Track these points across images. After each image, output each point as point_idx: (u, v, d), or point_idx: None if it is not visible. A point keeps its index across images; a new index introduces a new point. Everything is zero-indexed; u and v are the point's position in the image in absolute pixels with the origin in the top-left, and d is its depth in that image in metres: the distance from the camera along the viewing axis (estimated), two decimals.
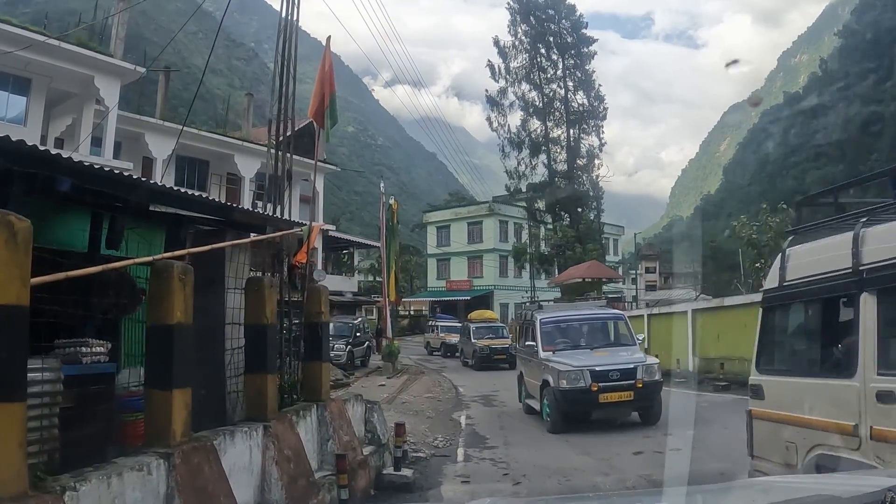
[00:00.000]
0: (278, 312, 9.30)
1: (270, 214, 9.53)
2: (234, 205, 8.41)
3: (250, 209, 8.84)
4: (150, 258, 6.36)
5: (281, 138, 10.75)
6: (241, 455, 6.99)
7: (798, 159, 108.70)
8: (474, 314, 44.42)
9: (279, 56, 10.98)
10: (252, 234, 9.03)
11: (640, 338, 17.33)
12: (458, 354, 41.98)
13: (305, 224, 9.96)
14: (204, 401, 8.03)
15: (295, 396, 9.44)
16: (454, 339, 44.44)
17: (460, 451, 13.60)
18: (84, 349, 6.73)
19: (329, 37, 11.02)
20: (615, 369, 14.85)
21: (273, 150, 10.75)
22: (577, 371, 14.74)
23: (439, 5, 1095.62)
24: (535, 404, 16.94)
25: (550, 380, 15.10)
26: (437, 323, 51.81)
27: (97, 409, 6.72)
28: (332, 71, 10.91)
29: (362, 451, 10.20)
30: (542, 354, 16.19)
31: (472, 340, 37.20)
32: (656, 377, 15.24)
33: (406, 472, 10.83)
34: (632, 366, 14.98)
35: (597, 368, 14.79)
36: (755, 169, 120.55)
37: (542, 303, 20.93)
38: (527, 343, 18.33)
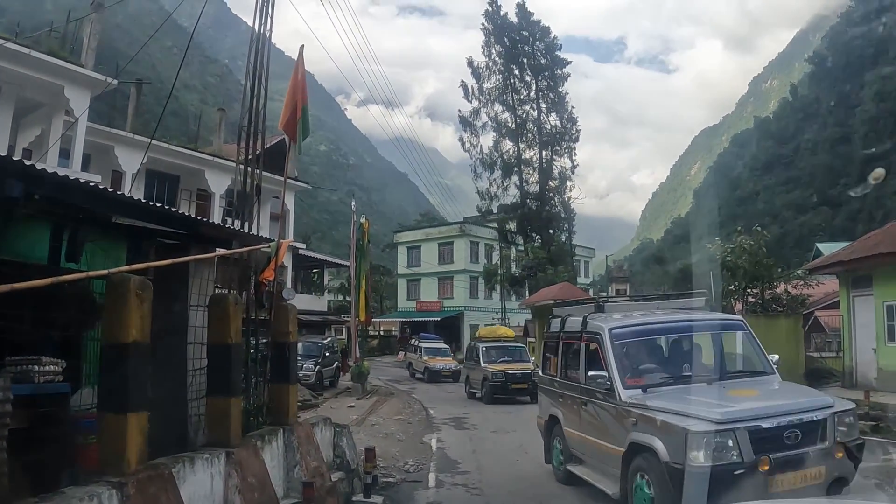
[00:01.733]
0: (244, 331, 8.92)
1: (238, 229, 9.12)
2: (201, 218, 7.96)
3: (217, 223, 8.38)
4: (105, 271, 5.95)
5: (251, 154, 10.39)
6: (202, 483, 6.57)
7: (768, 183, 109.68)
8: (484, 331, 37.82)
9: (250, 69, 10.64)
10: (218, 250, 8.61)
11: (776, 360, 10.50)
12: (443, 379, 39.50)
13: (273, 240, 9.57)
14: (164, 425, 7.61)
15: (261, 420, 9.03)
16: (440, 363, 41.29)
17: (432, 476, 13.20)
18: (36, 367, 6.30)
19: (302, 46, 10.67)
20: (792, 424, 8.10)
21: (241, 166, 10.38)
22: (726, 432, 7.86)
23: (414, 26, 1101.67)
24: (598, 478, 10.38)
25: (662, 448, 8.24)
26: (420, 343, 45.18)
27: (50, 432, 6.32)
28: (304, 81, 10.55)
29: (331, 477, 9.77)
30: (623, 395, 9.34)
31: (483, 365, 29.44)
32: (856, 435, 8.76)
33: (376, 498, 10.44)
34: (816, 415, 8.29)
35: (762, 425, 8.00)
36: (726, 192, 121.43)
37: (603, 301, 12.90)
38: (586, 373, 10.45)
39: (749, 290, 27.10)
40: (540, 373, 14.00)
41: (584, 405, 10.79)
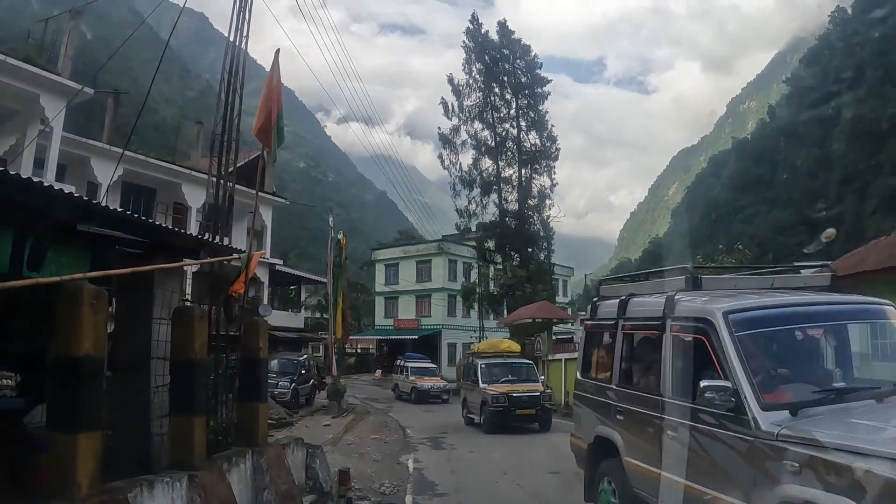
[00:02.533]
0: (214, 347, 8.49)
1: (206, 238, 8.68)
2: (167, 226, 7.53)
3: (184, 231, 7.95)
4: (57, 278, 5.51)
5: (229, 168, 10.00)
6: None
7: (746, 203, 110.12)
8: (483, 345, 31.95)
9: (225, 78, 10.27)
10: (185, 260, 8.17)
11: None
12: (432, 399, 38.45)
13: (244, 252, 9.13)
14: (126, 445, 7.18)
15: (229, 440, 8.56)
16: (427, 383, 39.96)
17: (409, 499, 12.76)
18: None
19: (278, 50, 10.28)
20: None
21: (214, 178, 9.98)
22: None
23: (395, 44, 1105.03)
24: None
25: None
26: (406, 363, 43.56)
27: (1, 450, 5.87)
28: (279, 87, 10.15)
29: (302, 500, 9.33)
30: (762, 419, 6.02)
31: (481, 386, 25.05)
32: None
33: None
34: None
35: None
36: (704, 212, 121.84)
37: (699, 275, 8.54)
38: (676, 381, 7.43)
39: None
40: (578, 376, 10.19)
41: (671, 430, 7.23)
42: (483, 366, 26.28)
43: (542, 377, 27.32)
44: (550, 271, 60.46)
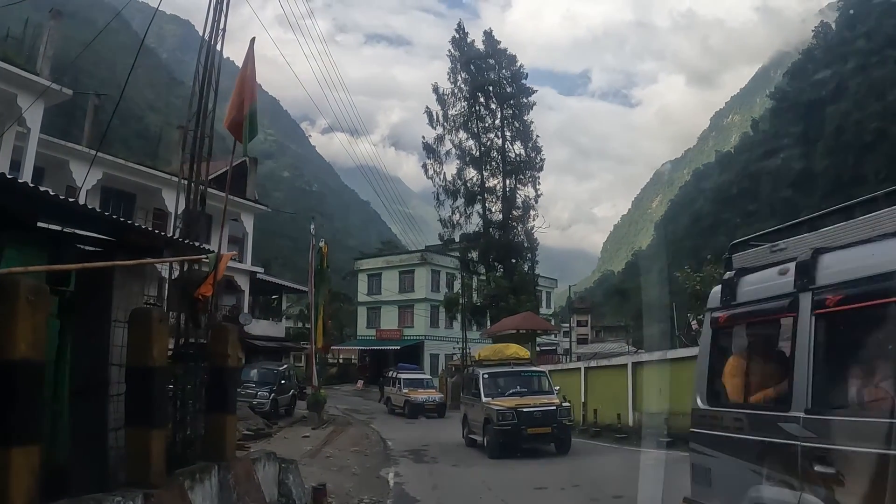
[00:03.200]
0: (183, 354, 7.91)
1: (171, 236, 8.09)
2: (129, 221, 6.94)
3: (148, 228, 7.37)
4: None
5: (201, 168, 9.45)
6: None
7: (729, 216, 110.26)
8: (486, 351, 26.05)
9: (199, 79, 9.73)
10: (147, 259, 7.57)
11: None
12: (427, 413, 36.17)
13: (213, 252, 8.54)
14: (81, 459, 6.57)
15: (193, 454, 7.95)
16: (422, 395, 37.49)
17: None
18: None
19: (253, 38, 9.73)
20: None
21: (186, 182, 9.43)
22: None
23: (380, 55, 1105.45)
24: None
25: None
26: (399, 375, 40.40)
27: None
28: (253, 77, 9.59)
29: None
30: None
31: (484, 400, 20.75)
32: None
33: None
34: None
35: None
36: (687, 225, 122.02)
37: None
38: None
39: None
40: (700, 403, 6.42)
41: None
42: (485, 376, 21.59)
43: (558, 388, 22.27)
44: (534, 282, 60.12)
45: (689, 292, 26.76)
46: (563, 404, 20.65)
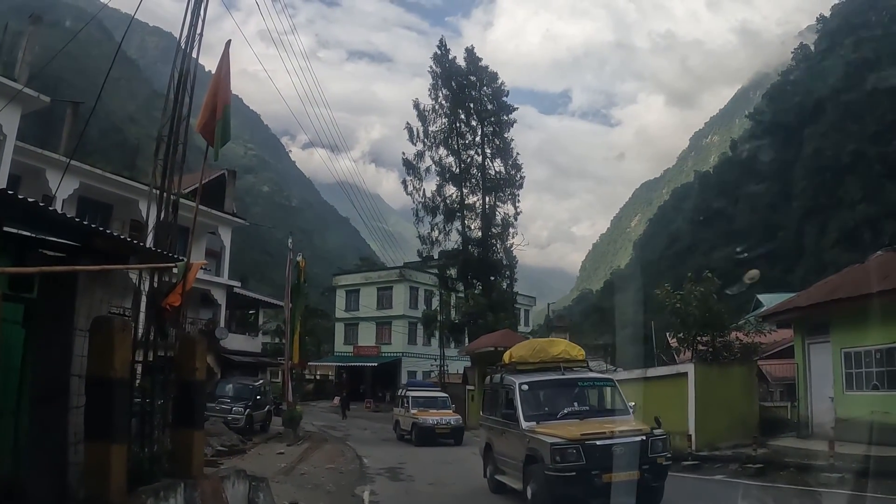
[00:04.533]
0: (152, 367, 7.59)
1: (138, 243, 7.77)
2: (94, 226, 6.63)
3: (114, 234, 7.06)
4: None
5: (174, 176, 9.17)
6: None
7: (707, 236, 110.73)
8: (522, 349, 17.02)
9: (174, 84, 9.46)
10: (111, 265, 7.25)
11: None
12: (440, 439, 30.40)
13: (182, 259, 8.23)
14: (39, 473, 6.24)
15: (157, 470, 7.61)
16: (433, 417, 31.11)
17: None
18: None
19: (229, 41, 9.46)
20: None
21: (157, 191, 9.14)
22: None
23: (362, 72, 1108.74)
24: None
25: None
26: (408, 393, 34.46)
27: None
28: (228, 79, 9.30)
29: None
30: None
31: (524, 427, 13.58)
32: None
33: None
34: None
35: None
36: (665, 245, 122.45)
37: None
38: None
39: (699, 338, 26.27)
40: None
41: None
42: (524, 388, 14.35)
43: (633, 405, 14.84)
44: (513, 300, 59.95)
45: (668, 310, 26.60)
46: (656, 431, 12.74)
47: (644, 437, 12.34)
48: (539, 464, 12.41)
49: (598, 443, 12.03)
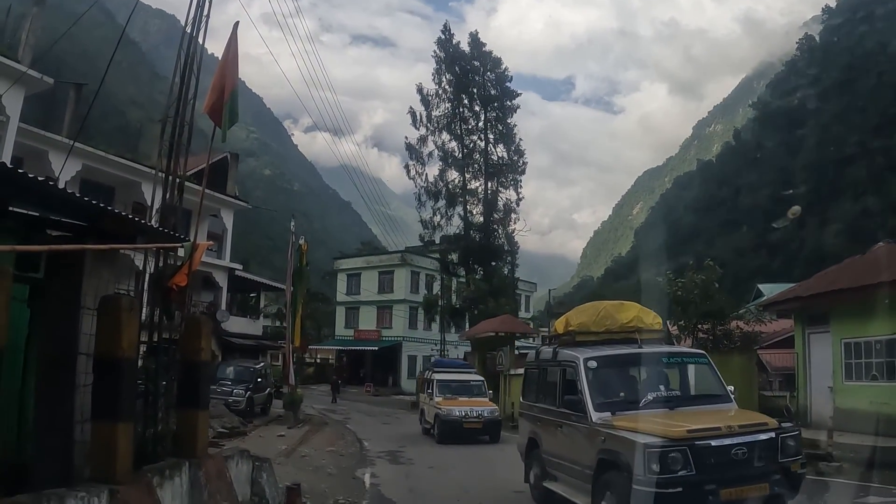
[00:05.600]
0: (157, 347, 7.63)
1: (145, 222, 7.80)
2: (102, 205, 6.65)
3: (121, 213, 7.08)
4: None
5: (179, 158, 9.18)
6: None
7: (708, 225, 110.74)
8: (581, 315, 12.56)
9: (180, 65, 9.46)
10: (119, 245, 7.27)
11: None
12: (469, 434, 24.36)
13: (188, 240, 8.26)
14: (45, 452, 6.28)
15: (162, 450, 7.66)
16: (460, 407, 24.93)
17: None
18: None
19: (237, 22, 9.46)
20: None
21: (163, 174, 9.15)
22: None
23: (365, 56, 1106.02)
24: None
25: None
26: (433, 376, 28.31)
27: None
28: (235, 61, 9.32)
29: None
30: None
31: (595, 418, 9.92)
32: None
33: None
34: None
35: None
36: (666, 233, 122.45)
37: None
38: None
39: (700, 326, 26.32)
40: None
41: None
42: (591, 366, 10.78)
43: (732, 388, 11.33)
44: (514, 286, 59.95)
45: (669, 298, 26.64)
46: (785, 425, 9.39)
47: (773, 434, 9.02)
48: (621, 473, 8.82)
49: (712, 443, 8.61)
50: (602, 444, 9.46)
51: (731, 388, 11.17)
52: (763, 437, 8.89)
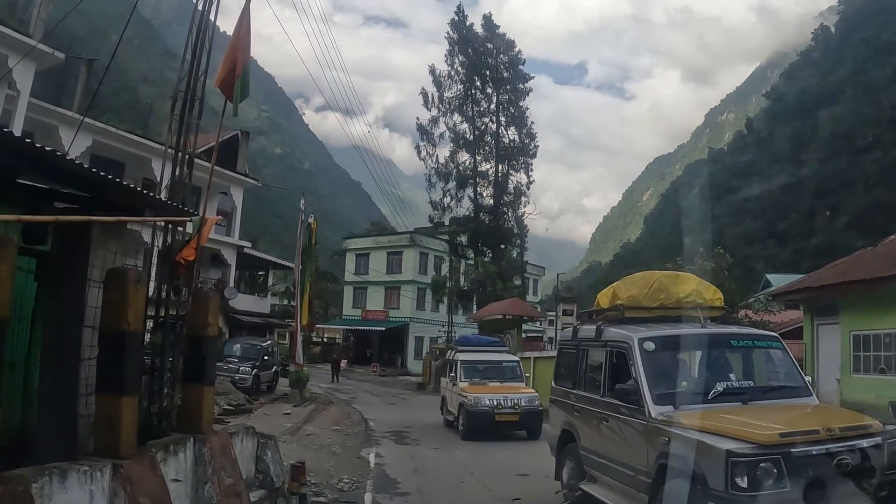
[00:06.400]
0: (164, 322, 7.60)
1: (153, 195, 7.75)
2: (110, 177, 6.60)
3: (130, 186, 7.03)
4: None
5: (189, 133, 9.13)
6: None
7: (719, 213, 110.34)
8: (632, 286, 10.52)
9: (192, 39, 9.39)
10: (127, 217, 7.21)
11: None
12: (501, 428, 20.25)
13: (197, 214, 8.22)
14: (49, 426, 6.25)
15: (167, 425, 7.63)
16: (491, 395, 20.38)
17: (368, 497, 11.93)
18: None
19: None
20: None
21: (171, 150, 9.10)
22: None
23: (378, 37, 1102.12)
24: None
25: None
26: (456, 356, 23.71)
27: None
28: (248, 35, 9.25)
29: (249, 496, 8.38)
30: None
31: (654, 412, 8.14)
32: None
33: None
34: None
35: None
36: (676, 220, 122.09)
37: None
38: None
39: None
40: None
41: None
42: (648, 349, 8.88)
43: (809, 378, 10.20)
44: (522, 269, 59.94)
45: None
46: (890, 428, 7.56)
47: (880, 440, 7.11)
48: (691, 484, 7.02)
49: (813, 451, 6.76)
50: (664, 447, 7.61)
51: (808, 377, 9.61)
52: (868, 442, 7.00)
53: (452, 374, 22.62)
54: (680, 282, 10.38)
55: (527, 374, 25.31)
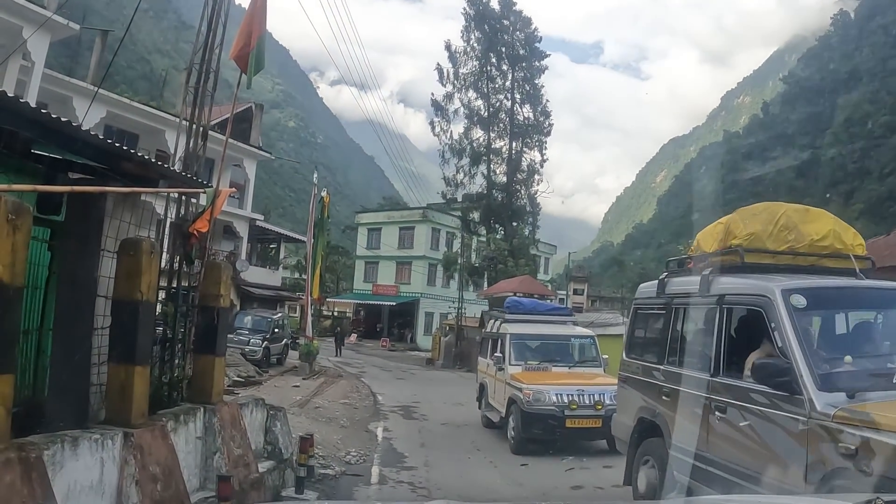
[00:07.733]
0: (176, 293, 7.64)
1: (168, 167, 7.77)
2: (125, 147, 6.63)
3: (144, 157, 7.05)
4: None
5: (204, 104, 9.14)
6: (88, 471, 5.24)
7: (732, 196, 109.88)
8: (755, 221, 7.62)
9: (206, 16, 9.40)
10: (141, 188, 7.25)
11: None
12: (595, 439, 14.35)
13: (211, 186, 8.25)
14: (60, 394, 6.31)
15: (177, 396, 7.70)
16: (561, 388, 14.14)
17: (375, 470, 12.03)
18: None
19: None
20: None
21: (186, 122, 9.13)
22: None
23: (394, 11, 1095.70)
24: None
25: None
26: (504, 327, 17.13)
27: None
28: (264, 8, 9.25)
29: (258, 467, 8.46)
30: None
31: (819, 405, 5.42)
32: None
33: (310, 494, 9.14)
34: None
35: None
36: (689, 202, 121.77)
37: None
38: None
39: None
40: None
41: None
42: (798, 306, 6.08)
43: None
44: (534, 247, 59.84)
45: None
46: None
47: None
48: None
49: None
50: (842, 459, 5.09)
51: None
52: None
53: (498, 354, 16.24)
54: (812, 219, 7.68)
55: None
